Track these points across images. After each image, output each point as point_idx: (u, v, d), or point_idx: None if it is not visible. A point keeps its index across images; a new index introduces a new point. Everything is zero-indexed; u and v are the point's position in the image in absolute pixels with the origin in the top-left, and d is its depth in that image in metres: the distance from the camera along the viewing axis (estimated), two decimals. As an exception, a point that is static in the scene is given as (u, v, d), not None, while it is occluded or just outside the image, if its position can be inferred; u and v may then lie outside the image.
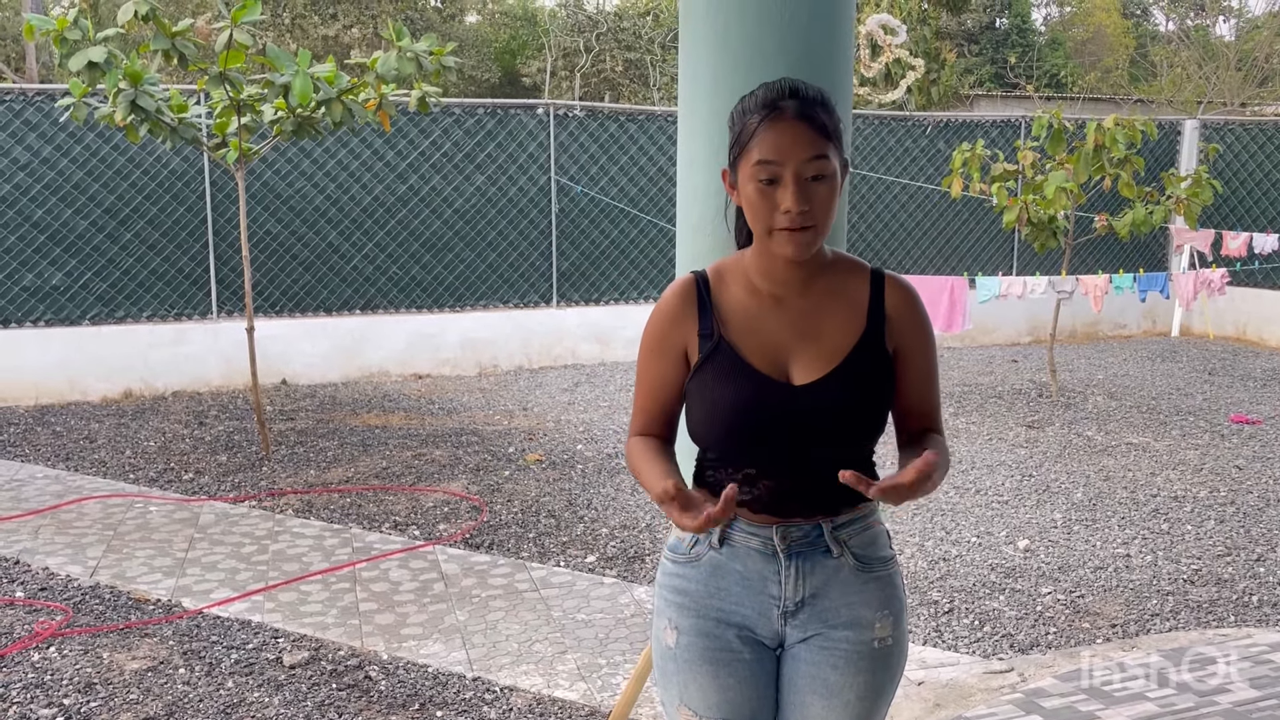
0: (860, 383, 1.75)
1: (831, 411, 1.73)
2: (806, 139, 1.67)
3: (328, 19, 21.11)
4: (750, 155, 1.69)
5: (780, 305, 1.79)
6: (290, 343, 8.46)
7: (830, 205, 1.70)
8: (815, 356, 1.75)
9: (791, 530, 1.78)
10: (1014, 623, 4.13)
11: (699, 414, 1.80)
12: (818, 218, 1.69)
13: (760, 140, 1.68)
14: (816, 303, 1.78)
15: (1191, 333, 11.12)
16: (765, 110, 1.69)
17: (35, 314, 7.93)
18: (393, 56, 5.97)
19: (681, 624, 1.84)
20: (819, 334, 1.77)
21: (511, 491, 5.75)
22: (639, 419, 1.88)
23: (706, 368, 1.78)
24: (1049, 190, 7.46)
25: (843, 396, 1.73)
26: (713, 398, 1.77)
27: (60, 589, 4.40)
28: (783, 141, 1.67)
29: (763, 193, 1.69)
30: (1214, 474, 6.08)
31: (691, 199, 2.52)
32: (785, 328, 1.77)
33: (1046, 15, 30.25)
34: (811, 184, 1.68)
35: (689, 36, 2.45)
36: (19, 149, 7.77)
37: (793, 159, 1.67)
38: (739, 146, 1.72)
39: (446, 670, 3.72)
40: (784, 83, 1.73)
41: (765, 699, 1.84)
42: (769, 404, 1.73)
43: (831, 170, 1.70)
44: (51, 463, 6.30)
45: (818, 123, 1.68)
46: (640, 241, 9.60)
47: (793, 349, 1.76)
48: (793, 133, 1.67)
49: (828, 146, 1.69)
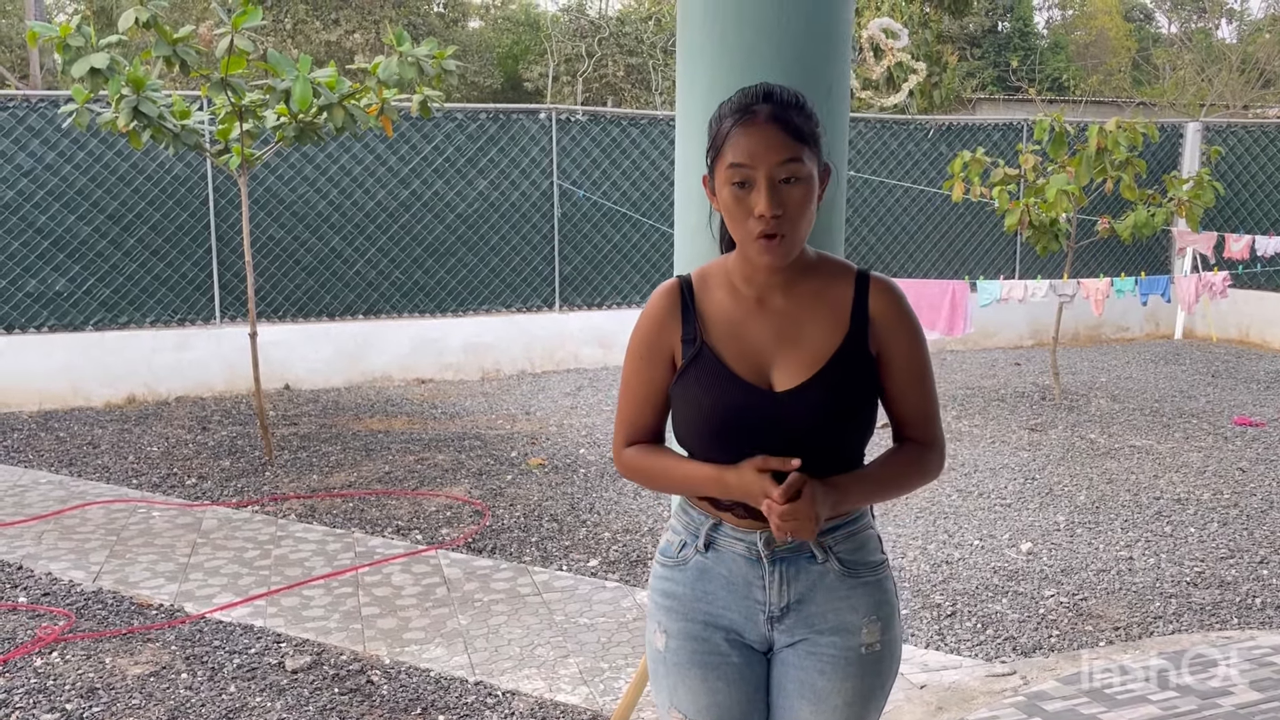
0: (842, 388, 1.73)
1: (813, 417, 1.72)
2: (778, 142, 1.67)
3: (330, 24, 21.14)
4: (724, 159, 1.70)
5: (763, 309, 1.78)
6: (293, 348, 8.48)
7: (805, 208, 1.69)
8: (796, 362, 1.74)
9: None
10: (1016, 625, 4.13)
11: (683, 419, 1.80)
12: (792, 221, 1.68)
13: (733, 143, 1.69)
14: (799, 306, 1.77)
15: (1194, 335, 11.11)
16: (738, 114, 1.70)
17: (39, 319, 7.95)
18: (394, 62, 5.99)
19: (670, 627, 1.84)
20: (800, 338, 1.75)
21: (514, 496, 5.76)
22: (626, 428, 1.86)
23: (689, 373, 1.77)
24: (1050, 193, 7.46)
25: (824, 402, 1.72)
26: (695, 403, 1.76)
27: (63, 594, 4.41)
28: (755, 145, 1.67)
29: (736, 197, 1.69)
30: (1217, 476, 6.08)
31: (688, 203, 2.53)
32: (767, 332, 1.76)
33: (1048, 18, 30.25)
34: (784, 187, 1.67)
35: (687, 43, 2.46)
36: (22, 155, 7.79)
37: (764, 162, 1.66)
38: (714, 150, 1.73)
39: (449, 675, 3.73)
40: (759, 87, 1.73)
41: (755, 702, 1.84)
42: (750, 410, 1.73)
43: (806, 173, 1.68)
44: (55, 468, 6.31)
45: (791, 126, 1.68)
46: (642, 245, 9.61)
47: (774, 354, 1.75)
48: (764, 136, 1.67)
49: (801, 150, 1.68)
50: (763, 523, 1.76)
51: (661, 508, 5.51)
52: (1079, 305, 8.86)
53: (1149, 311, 10.90)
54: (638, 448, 1.85)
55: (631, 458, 1.85)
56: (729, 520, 1.80)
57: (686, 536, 1.85)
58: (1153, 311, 10.93)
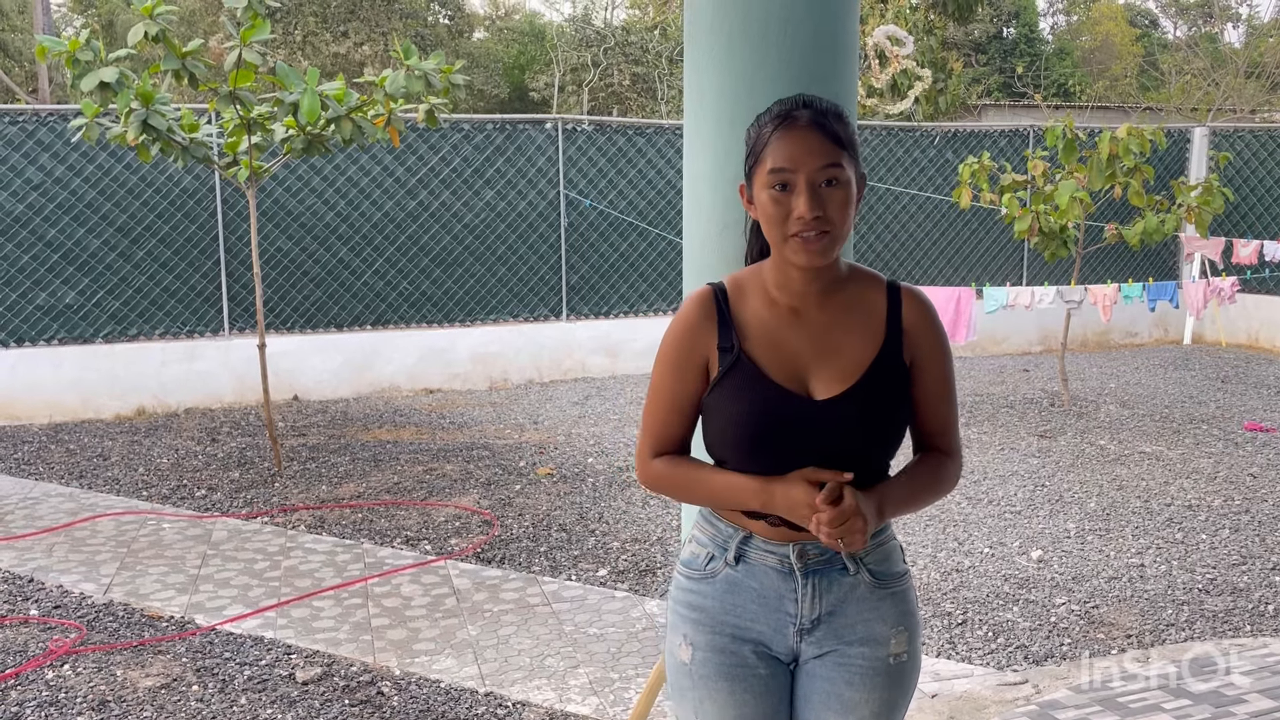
0: (880, 397, 1.74)
1: (852, 426, 1.73)
2: (819, 146, 1.69)
3: (339, 36, 21.25)
4: (764, 164, 1.71)
5: (798, 318, 1.78)
6: (302, 359, 8.50)
7: (845, 212, 1.71)
8: (835, 371, 1.75)
9: (809, 548, 1.78)
10: (1028, 634, 4.11)
11: (718, 427, 1.79)
12: (833, 223, 1.69)
13: (774, 149, 1.70)
14: (834, 316, 1.78)
15: (1204, 341, 11.07)
16: (779, 120, 1.72)
17: (49, 332, 7.98)
18: (401, 75, 6.01)
19: (697, 640, 1.83)
20: (838, 348, 1.76)
21: (523, 505, 5.76)
22: (653, 439, 1.84)
23: (726, 382, 1.76)
24: (1062, 200, 7.44)
25: (863, 411, 1.73)
26: (733, 411, 1.75)
27: (74, 607, 4.42)
28: (796, 149, 1.69)
29: (777, 200, 1.70)
30: (1228, 482, 6.05)
31: (697, 214, 2.53)
32: (804, 341, 1.77)
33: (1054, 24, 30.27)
34: (825, 190, 1.69)
35: (694, 54, 2.46)
36: (32, 169, 7.83)
37: (805, 166, 1.68)
38: (753, 157, 1.74)
39: (459, 686, 3.73)
40: (798, 96, 1.76)
41: (781, 714, 1.84)
42: (790, 418, 1.73)
43: (846, 178, 1.70)
44: (65, 480, 6.33)
45: (830, 131, 1.70)
46: (649, 254, 9.62)
47: (812, 363, 1.76)
48: (805, 140, 1.69)
49: (841, 155, 1.70)
50: (796, 534, 1.76)
51: (671, 516, 5.51)
52: (1087, 311, 8.85)
53: (1157, 317, 10.87)
54: (666, 458, 1.83)
55: (660, 468, 1.83)
56: (760, 532, 1.79)
57: (714, 549, 1.83)
58: (1161, 317, 10.90)
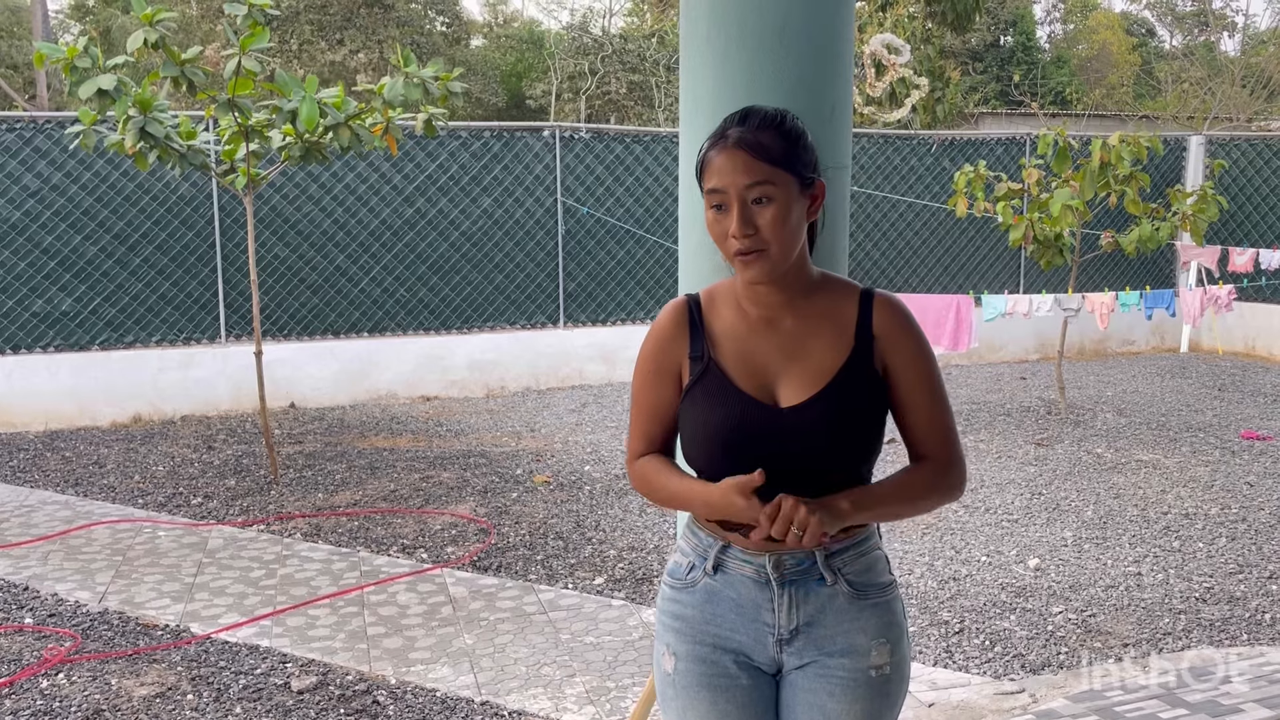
0: (847, 404, 1.74)
1: (818, 433, 1.73)
2: (745, 165, 1.70)
3: (335, 44, 21.27)
4: (705, 183, 1.75)
5: (770, 327, 1.80)
6: (298, 366, 8.49)
7: (778, 228, 1.70)
8: (802, 378, 1.76)
9: (785, 559, 1.78)
10: (1025, 642, 4.11)
11: (690, 436, 1.82)
12: (766, 241, 1.71)
13: (709, 168, 1.74)
14: (806, 325, 1.79)
15: (1201, 349, 11.09)
16: (714, 139, 1.75)
17: (45, 339, 7.97)
18: (400, 82, 6.01)
19: (679, 649, 1.84)
20: (806, 355, 1.77)
21: (519, 513, 5.75)
22: (639, 442, 1.89)
23: (696, 390, 1.80)
24: (1054, 208, 7.46)
25: (829, 418, 1.73)
26: (702, 420, 1.78)
27: (69, 615, 4.41)
28: (725, 168, 1.71)
29: (716, 220, 1.74)
30: (1225, 491, 6.05)
31: (692, 222, 2.53)
32: (773, 350, 1.78)
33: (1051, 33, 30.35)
34: (755, 208, 1.70)
35: (689, 61, 2.47)
36: (29, 176, 7.83)
37: (734, 185, 1.70)
38: (700, 176, 1.77)
39: (455, 694, 3.71)
40: (741, 110, 1.77)
41: None
42: (755, 426, 1.74)
43: (776, 194, 1.70)
44: (60, 488, 6.32)
45: (760, 148, 1.70)
46: (646, 261, 9.62)
47: (780, 371, 1.77)
48: (732, 159, 1.71)
49: (772, 171, 1.69)
50: (772, 544, 1.76)
51: (667, 525, 5.50)
52: (1084, 319, 8.85)
53: (1154, 325, 10.89)
54: (648, 459, 1.87)
55: (641, 469, 1.87)
56: (737, 542, 1.80)
57: (695, 559, 1.85)
58: (1158, 325, 10.92)
